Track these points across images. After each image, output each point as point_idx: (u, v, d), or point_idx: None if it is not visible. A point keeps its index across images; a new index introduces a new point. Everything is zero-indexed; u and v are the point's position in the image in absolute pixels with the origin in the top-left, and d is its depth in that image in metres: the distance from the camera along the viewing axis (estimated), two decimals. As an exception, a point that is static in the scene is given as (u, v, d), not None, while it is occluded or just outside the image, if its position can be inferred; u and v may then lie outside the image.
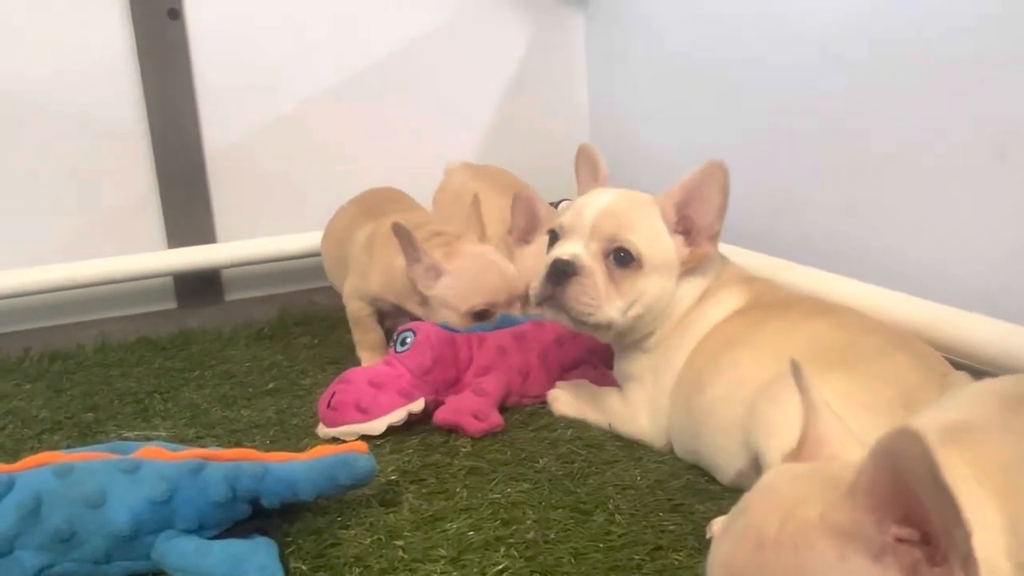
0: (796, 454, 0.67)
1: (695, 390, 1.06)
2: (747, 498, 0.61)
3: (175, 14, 1.75)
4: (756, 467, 0.96)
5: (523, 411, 1.30)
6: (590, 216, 1.12)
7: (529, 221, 1.53)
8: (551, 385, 1.32)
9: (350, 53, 1.90)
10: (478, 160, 1.99)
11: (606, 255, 1.11)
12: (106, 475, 0.88)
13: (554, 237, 1.18)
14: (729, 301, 1.12)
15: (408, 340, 1.30)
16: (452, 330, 1.34)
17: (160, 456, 0.92)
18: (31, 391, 1.52)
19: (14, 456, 1.25)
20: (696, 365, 1.08)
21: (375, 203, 1.66)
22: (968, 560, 0.50)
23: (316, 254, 1.91)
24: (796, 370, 0.68)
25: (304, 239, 1.88)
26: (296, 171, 1.91)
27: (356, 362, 1.57)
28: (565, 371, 1.35)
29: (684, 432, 1.08)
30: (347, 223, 1.63)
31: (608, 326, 1.12)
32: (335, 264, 1.66)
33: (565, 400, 1.27)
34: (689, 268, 1.13)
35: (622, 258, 1.11)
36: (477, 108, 2.03)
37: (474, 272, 1.41)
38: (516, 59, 2.03)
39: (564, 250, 1.13)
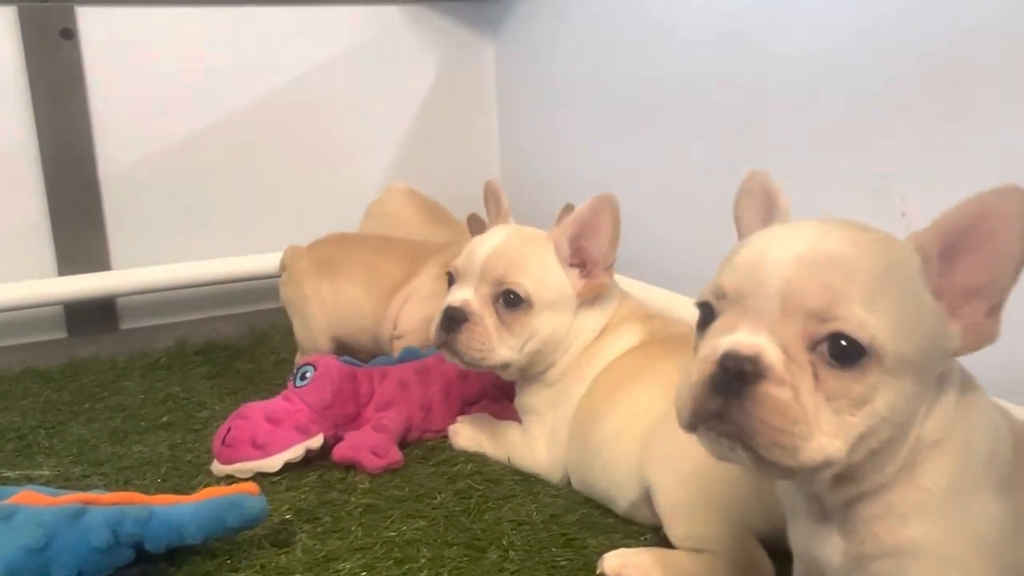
0: None
1: (591, 423, 1.08)
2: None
3: (69, 34, 1.70)
4: (648, 499, 0.98)
5: (424, 446, 1.30)
6: (479, 259, 1.15)
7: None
8: (453, 420, 1.33)
9: (254, 77, 1.88)
10: (384, 185, 2.00)
11: (495, 299, 1.13)
12: (-22, 523, 0.85)
13: (451, 280, 1.20)
14: (627, 337, 1.15)
15: (308, 374, 1.28)
16: (353, 364, 1.33)
17: (37, 501, 0.89)
18: (-96, 427, 1.44)
19: None
20: (593, 399, 1.11)
21: (405, 243, 1.62)
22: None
23: (216, 282, 1.87)
24: None
25: (204, 266, 1.84)
26: (195, 197, 1.87)
27: (256, 394, 1.54)
28: (467, 405, 1.36)
29: (580, 465, 1.10)
30: (398, 271, 1.57)
31: (504, 366, 1.15)
32: (373, 309, 1.57)
33: (465, 434, 1.28)
34: (588, 300, 1.16)
35: (511, 300, 1.13)
36: (387, 135, 2.03)
37: None
38: (427, 86, 2.04)
39: (456, 296, 1.15)
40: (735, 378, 0.62)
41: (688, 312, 1.37)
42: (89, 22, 1.72)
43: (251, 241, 1.90)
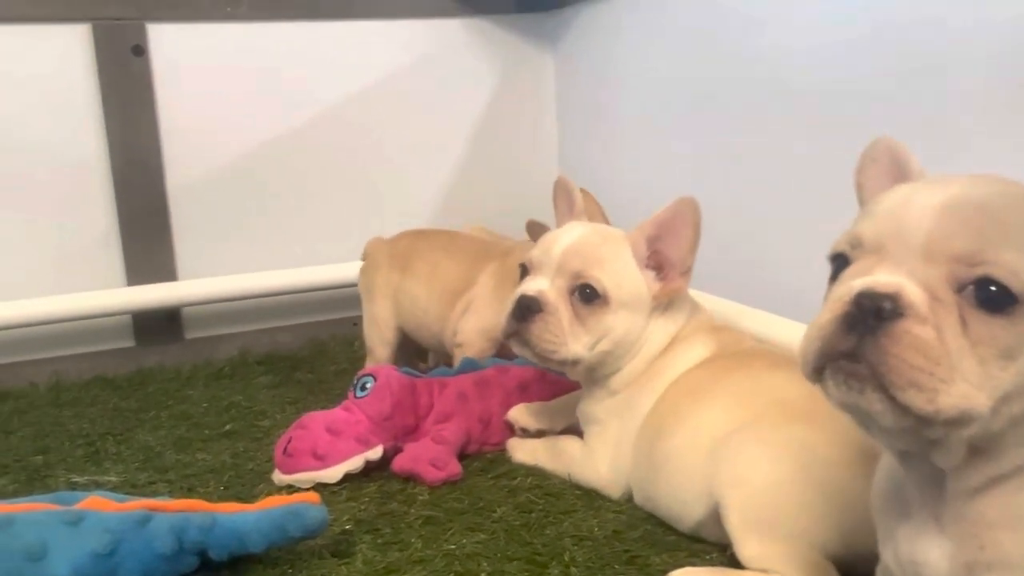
0: None
1: (657, 439, 1.06)
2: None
3: (139, 50, 1.74)
4: (715, 518, 0.96)
5: (482, 458, 1.29)
6: (557, 252, 1.12)
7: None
8: (512, 433, 1.31)
9: (317, 91, 1.90)
10: (443, 198, 2.00)
11: (571, 291, 1.11)
12: (48, 527, 0.86)
13: (524, 271, 1.18)
14: (697, 350, 1.12)
15: (368, 385, 1.29)
16: (413, 375, 1.33)
17: (105, 507, 0.90)
18: (-21, 432, 1.48)
19: (-42, 501, 1.21)
20: (660, 413, 1.08)
21: (472, 242, 1.62)
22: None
23: (279, 293, 1.90)
24: None
25: (266, 277, 1.87)
26: (260, 209, 1.90)
27: (316, 403, 1.55)
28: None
29: (645, 481, 1.08)
30: (459, 271, 1.55)
31: (574, 362, 1.12)
32: (436, 309, 1.56)
33: (525, 448, 1.26)
34: (662, 304, 1.14)
35: (587, 295, 1.10)
36: (447, 148, 2.03)
37: None
38: (486, 99, 2.04)
39: (530, 286, 1.12)
40: (871, 315, 0.58)
41: (750, 324, 1.35)
42: (159, 38, 1.76)
43: (313, 253, 1.93)
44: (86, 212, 1.77)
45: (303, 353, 1.86)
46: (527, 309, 1.11)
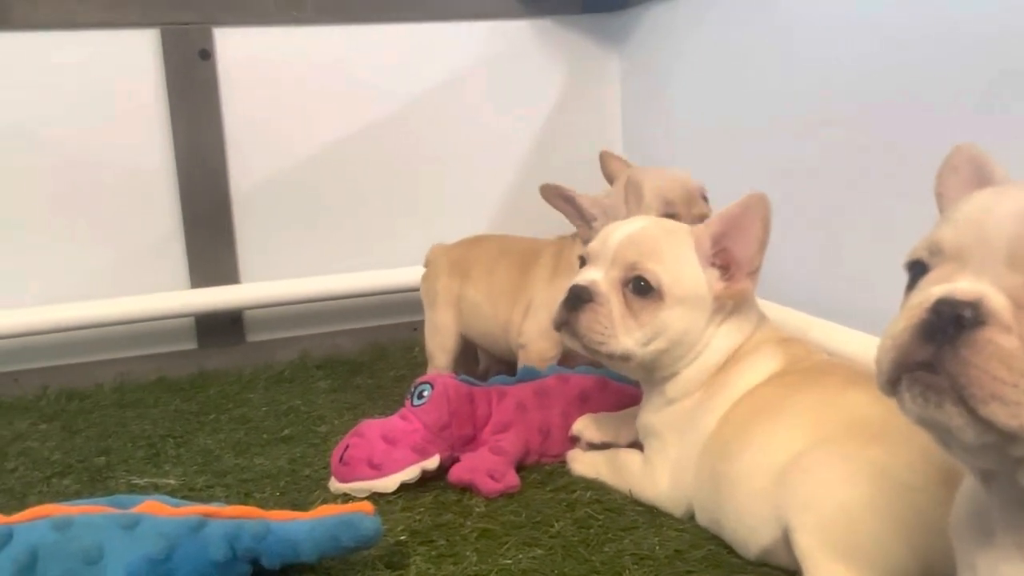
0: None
1: (722, 458, 1.01)
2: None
3: (206, 54, 1.76)
4: (783, 544, 0.91)
5: (541, 470, 1.26)
6: (613, 242, 1.09)
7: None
8: (572, 445, 1.28)
9: (382, 93, 1.90)
10: (506, 202, 1.98)
11: (625, 283, 1.07)
12: (105, 530, 0.86)
13: (582, 263, 1.15)
14: (765, 364, 1.07)
15: (425, 393, 1.27)
16: (471, 384, 1.30)
17: (160, 511, 0.89)
18: (46, 431, 1.51)
19: (21, 500, 1.23)
20: (725, 433, 1.03)
21: (523, 243, 1.61)
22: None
23: (340, 297, 1.89)
24: None
25: (327, 281, 1.87)
26: (321, 214, 1.90)
27: (374, 409, 1.54)
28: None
29: (709, 502, 1.03)
30: (513, 273, 1.54)
31: (625, 357, 1.08)
32: (496, 314, 1.54)
33: (585, 461, 1.23)
34: (725, 308, 1.09)
35: (641, 287, 1.06)
36: (512, 150, 2.01)
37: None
38: (551, 100, 2.01)
39: (584, 276, 1.10)
40: (951, 324, 0.55)
41: (818, 335, 1.29)
42: (225, 43, 1.78)
43: (375, 257, 1.92)
44: (152, 215, 1.80)
45: (363, 358, 1.86)
46: (577, 299, 1.08)
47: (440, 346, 1.59)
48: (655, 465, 1.11)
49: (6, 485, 1.28)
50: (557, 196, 1.42)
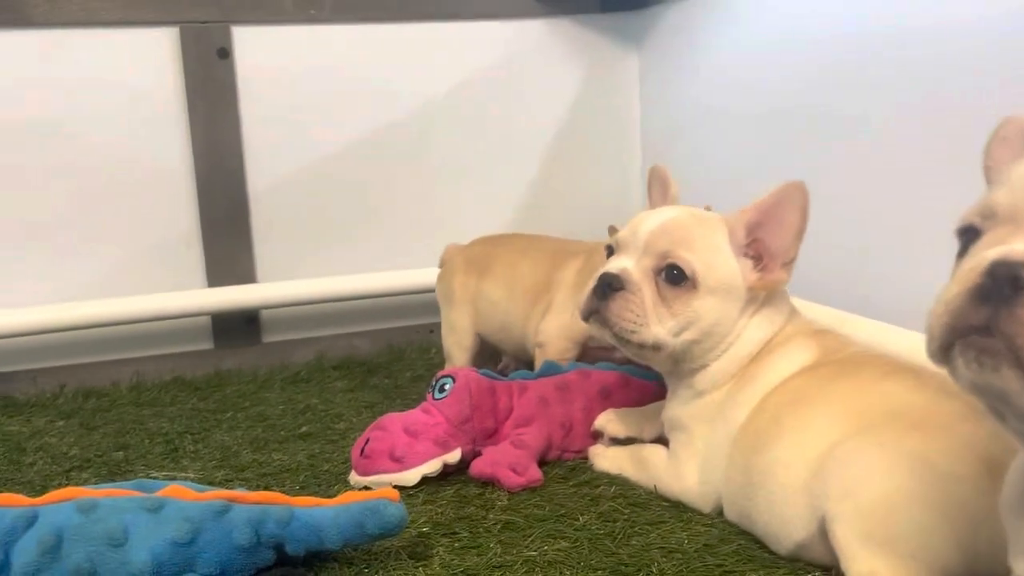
0: None
1: (754, 452, 0.99)
2: None
3: (224, 53, 1.76)
4: (818, 538, 0.89)
5: (563, 465, 1.24)
6: (645, 231, 1.07)
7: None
8: (594, 440, 1.27)
9: (399, 94, 1.89)
10: (525, 201, 1.97)
11: (657, 272, 1.06)
12: (129, 513, 0.85)
13: (610, 253, 1.13)
14: (798, 355, 1.05)
15: (447, 387, 1.25)
16: (492, 378, 1.29)
17: (185, 496, 0.88)
18: (63, 428, 1.50)
19: (41, 492, 1.21)
20: (757, 423, 1.01)
21: (550, 243, 1.60)
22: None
23: (356, 297, 1.88)
24: None
25: (345, 282, 1.86)
26: (339, 214, 1.90)
27: (392, 408, 1.53)
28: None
29: (739, 496, 1.01)
30: (539, 272, 1.52)
31: (656, 347, 1.06)
32: (516, 310, 1.52)
33: (608, 456, 1.21)
34: (757, 299, 1.07)
35: (674, 276, 1.05)
36: (529, 150, 2.00)
37: None
38: (569, 100, 2.01)
39: (614, 264, 1.08)
40: (1007, 285, 0.54)
41: (852, 330, 1.27)
42: (243, 41, 1.78)
43: (392, 257, 1.91)
44: (169, 213, 1.80)
45: (379, 359, 1.85)
46: (608, 286, 1.06)
47: (457, 344, 1.59)
48: (682, 460, 1.10)
49: (25, 478, 1.27)
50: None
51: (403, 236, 1.94)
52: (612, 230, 1.43)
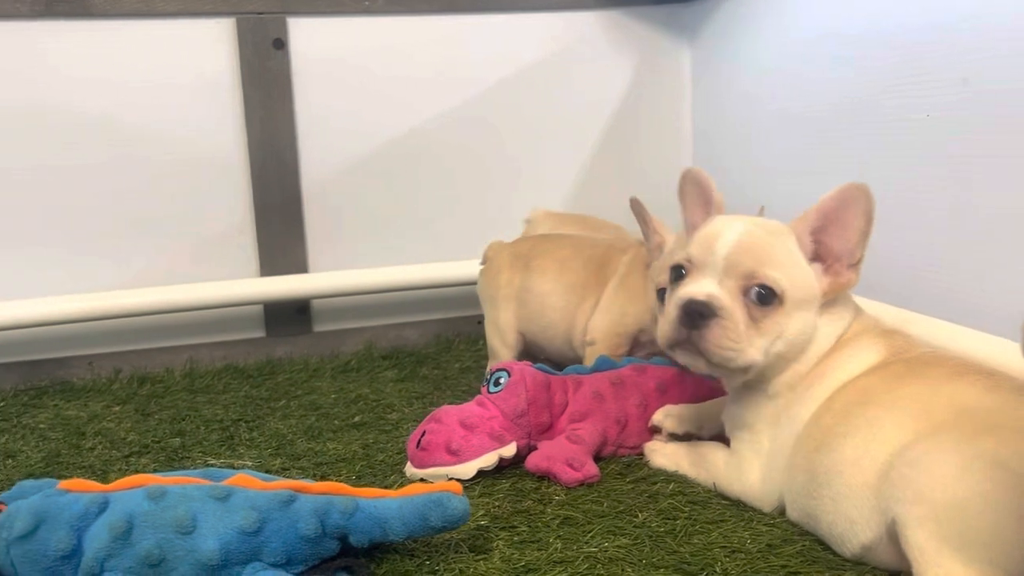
0: None
1: (820, 450, 0.97)
2: None
3: (280, 44, 1.77)
4: (886, 541, 0.87)
5: (618, 461, 1.23)
6: (723, 249, 1.03)
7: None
8: (650, 436, 1.26)
9: (451, 86, 1.89)
10: (575, 194, 1.96)
11: (744, 292, 1.02)
12: (198, 501, 0.85)
13: (678, 272, 1.09)
14: (865, 355, 1.03)
15: (502, 380, 1.25)
16: (547, 372, 1.28)
17: (251, 485, 0.89)
18: (120, 413, 1.52)
19: (102, 477, 1.24)
20: (824, 422, 0.99)
21: (598, 240, 1.59)
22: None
23: (406, 288, 1.89)
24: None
25: (395, 272, 1.86)
26: (390, 205, 1.90)
27: (442, 399, 1.53)
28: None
29: (804, 496, 0.99)
30: (589, 268, 1.51)
31: (748, 369, 1.03)
32: (565, 306, 1.51)
33: (665, 453, 1.20)
34: (827, 304, 1.05)
35: (763, 296, 1.01)
36: (579, 145, 1.99)
37: (671, 254, 1.32)
38: (621, 92, 1.99)
39: (698, 289, 1.03)
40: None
41: (916, 331, 1.24)
42: (298, 32, 1.79)
43: (444, 249, 1.91)
44: (224, 203, 1.81)
45: (428, 350, 1.86)
46: (698, 315, 1.01)
47: (501, 342, 1.57)
48: (745, 458, 1.08)
49: (86, 462, 1.29)
50: (639, 214, 1.40)
51: (453, 228, 1.94)
52: (635, 203, 1.41)
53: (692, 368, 1.07)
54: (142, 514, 0.84)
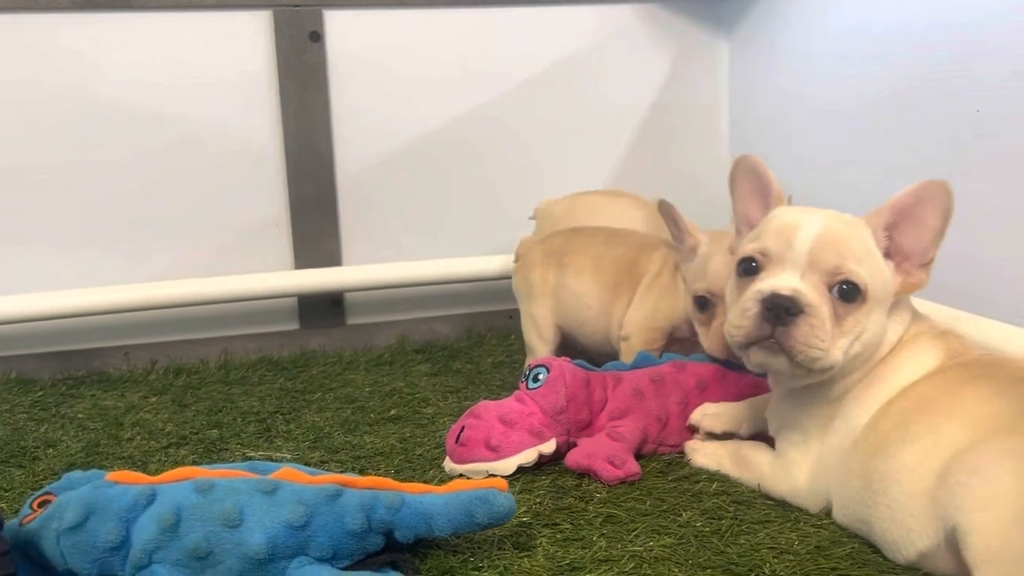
0: None
1: (877, 455, 0.95)
2: None
3: (316, 37, 1.77)
4: (944, 549, 0.85)
5: (659, 459, 1.22)
6: (804, 243, 0.98)
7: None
8: (690, 435, 1.24)
9: (487, 79, 1.88)
10: (611, 185, 1.95)
11: (829, 288, 0.97)
12: (245, 495, 0.85)
13: (750, 266, 1.03)
14: (923, 358, 1.00)
15: (540, 376, 1.24)
16: (587, 368, 1.27)
17: (298, 479, 0.88)
18: (157, 404, 1.53)
19: (142, 467, 1.25)
20: (881, 427, 0.97)
21: (631, 234, 1.57)
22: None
23: (440, 282, 1.88)
24: None
25: (428, 266, 1.86)
26: (423, 198, 1.90)
27: (477, 393, 1.52)
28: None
29: (856, 501, 0.97)
30: (623, 260, 1.50)
31: (829, 370, 0.99)
32: (601, 302, 1.49)
33: (706, 452, 1.19)
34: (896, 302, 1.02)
35: (847, 293, 0.97)
36: (614, 139, 1.97)
37: (707, 257, 1.32)
38: (657, 86, 1.97)
39: (780, 283, 0.98)
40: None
41: (970, 328, 1.22)
42: (334, 25, 1.78)
43: (477, 243, 1.91)
44: (259, 196, 1.81)
45: (460, 344, 1.85)
46: (784, 311, 0.96)
47: (539, 336, 1.56)
48: (792, 459, 1.06)
49: (125, 453, 1.30)
50: (670, 216, 1.38)
51: (485, 222, 1.93)
52: (665, 205, 1.38)
53: (765, 367, 1.03)
54: (190, 507, 0.84)
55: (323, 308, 1.87)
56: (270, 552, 0.83)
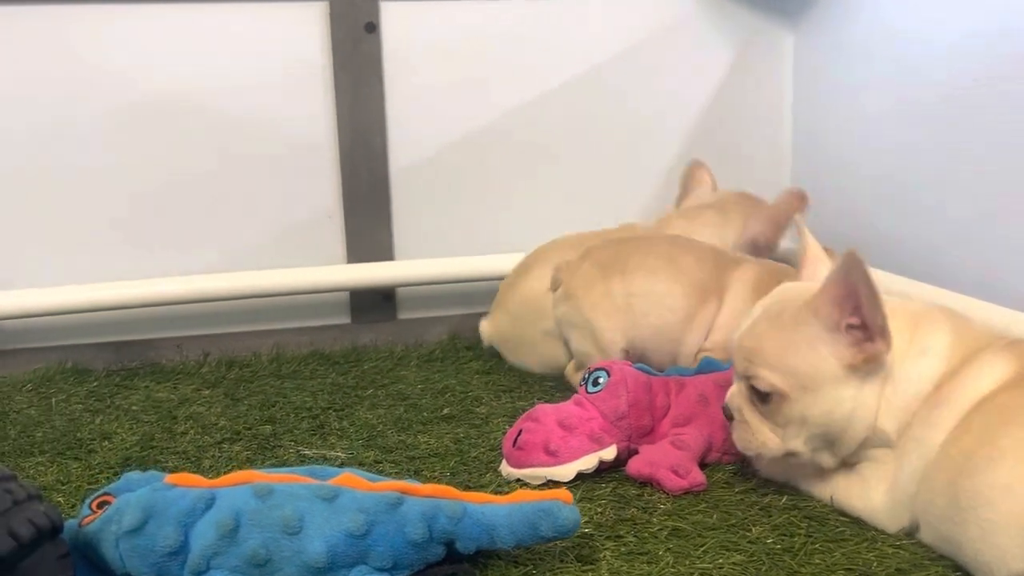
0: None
1: (964, 474, 0.90)
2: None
3: (372, 27, 1.74)
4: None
5: (724, 469, 1.18)
6: (735, 347, 1.07)
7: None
8: (757, 443, 1.20)
9: (543, 72, 1.84)
10: (671, 187, 1.90)
11: (750, 391, 1.05)
12: (305, 501, 0.83)
13: None
14: (992, 369, 0.95)
15: (601, 380, 1.20)
16: (649, 373, 1.23)
17: (358, 485, 0.86)
18: (210, 397, 1.52)
19: (196, 463, 1.23)
20: (963, 444, 0.92)
21: (703, 244, 1.50)
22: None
23: (489, 278, 1.85)
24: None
25: (481, 262, 1.83)
26: (478, 194, 1.87)
27: (530, 394, 1.49)
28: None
29: (942, 519, 0.92)
30: (704, 268, 1.43)
31: (791, 454, 1.05)
32: (685, 305, 1.41)
33: (776, 463, 1.14)
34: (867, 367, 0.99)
35: (759, 394, 1.03)
36: (673, 131, 1.92)
37: None
38: (719, 77, 1.91)
39: (730, 389, 1.09)
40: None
41: (1000, 322, 1.16)
42: (390, 16, 1.76)
43: (530, 239, 1.86)
44: (312, 188, 1.80)
45: (512, 342, 1.82)
46: (727, 415, 1.10)
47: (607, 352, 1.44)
48: (868, 476, 1.02)
49: (179, 447, 1.29)
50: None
51: (538, 219, 1.89)
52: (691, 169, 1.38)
53: None
54: (249, 512, 0.82)
55: (375, 302, 1.85)
56: (330, 561, 0.81)
